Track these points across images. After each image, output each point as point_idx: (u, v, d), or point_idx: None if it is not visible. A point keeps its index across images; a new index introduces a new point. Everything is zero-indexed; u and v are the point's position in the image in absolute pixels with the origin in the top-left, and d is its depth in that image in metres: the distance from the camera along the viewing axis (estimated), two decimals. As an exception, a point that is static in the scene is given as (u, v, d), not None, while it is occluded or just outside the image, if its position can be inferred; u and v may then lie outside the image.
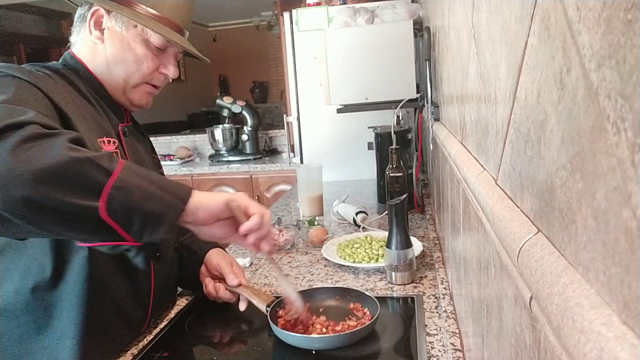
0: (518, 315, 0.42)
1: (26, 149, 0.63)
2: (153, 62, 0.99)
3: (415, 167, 1.74)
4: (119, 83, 0.99)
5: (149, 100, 1.05)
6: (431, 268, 1.29)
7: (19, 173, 0.61)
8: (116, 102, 1.03)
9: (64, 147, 0.65)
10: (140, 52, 0.97)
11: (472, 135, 0.72)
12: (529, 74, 0.38)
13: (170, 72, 1.03)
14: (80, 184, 0.65)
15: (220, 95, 3.43)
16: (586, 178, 0.27)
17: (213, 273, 1.15)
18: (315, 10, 2.41)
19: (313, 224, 1.66)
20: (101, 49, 0.98)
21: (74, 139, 0.69)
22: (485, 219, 0.53)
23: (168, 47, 1.01)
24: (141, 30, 0.97)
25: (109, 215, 0.66)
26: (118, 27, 0.96)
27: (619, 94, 0.22)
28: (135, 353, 0.96)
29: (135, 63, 0.98)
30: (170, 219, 0.72)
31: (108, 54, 0.97)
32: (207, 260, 1.16)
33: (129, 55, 0.97)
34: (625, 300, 0.22)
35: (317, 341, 0.92)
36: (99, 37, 0.97)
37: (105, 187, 0.66)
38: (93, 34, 0.97)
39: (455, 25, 0.91)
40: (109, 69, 0.98)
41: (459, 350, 0.89)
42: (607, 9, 0.23)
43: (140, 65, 0.98)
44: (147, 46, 0.98)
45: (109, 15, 0.96)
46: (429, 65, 1.49)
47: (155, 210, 0.70)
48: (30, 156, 0.63)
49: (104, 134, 0.94)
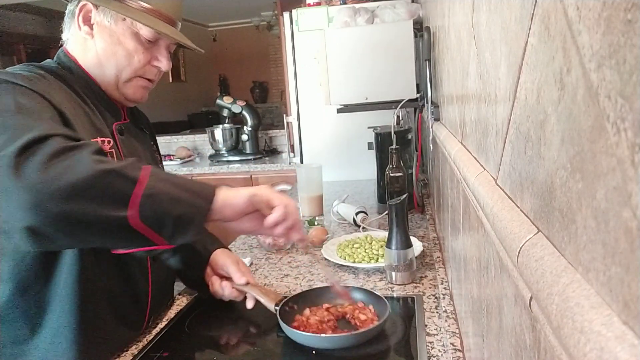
0: (518, 315, 0.42)
1: (55, 164, 0.65)
2: (144, 56, 0.98)
3: (415, 167, 1.74)
4: (111, 78, 0.98)
5: (144, 94, 1.04)
6: (431, 268, 1.29)
7: (52, 190, 0.64)
8: (111, 99, 1.02)
9: (90, 160, 0.68)
10: (130, 46, 0.96)
11: (472, 135, 0.72)
12: (529, 74, 0.38)
13: (162, 64, 1.01)
14: (109, 195, 0.68)
15: (220, 95, 3.43)
16: (586, 178, 0.27)
17: (219, 273, 1.14)
18: (315, 10, 2.41)
19: (313, 224, 1.66)
20: (91, 45, 0.97)
21: (97, 150, 0.71)
22: (485, 219, 0.53)
23: (159, 39, 0.99)
24: (130, 23, 0.95)
25: (142, 222, 0.69)
26: (107, 21, 0.95)
27: (619, 94, 0.22)
28: (135, 353, 0.96)
29: (126, 57, 0.97)
30: (198, 220, 0.75)
31: (98, 49, 0.96)
32: (213, 261, 1.16)
33: (119, 50, 0.96)
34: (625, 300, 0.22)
35: (328, 340, 0.92)
36: (89, 32, 0.96)
37: (132, 196, 0.68)
38: (82, 30, 0.96)
39: (455, 25, 0.91)
40: (100, 65, 0.97)
41: (459, 350, 0.89)
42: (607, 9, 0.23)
43: (131, 59, 0.97)
44: (137, 39, 0.96)
45: (97, 10, 0.95)
46: (429, 65, 1.49)
47: (184, 214, 0.72)
48: (60, 172, 0.65)
49: (98, 134, 0.93)
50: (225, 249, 1.20)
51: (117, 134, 1.00)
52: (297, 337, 0.94)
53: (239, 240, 1.68)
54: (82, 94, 0.96)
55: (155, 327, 1.07)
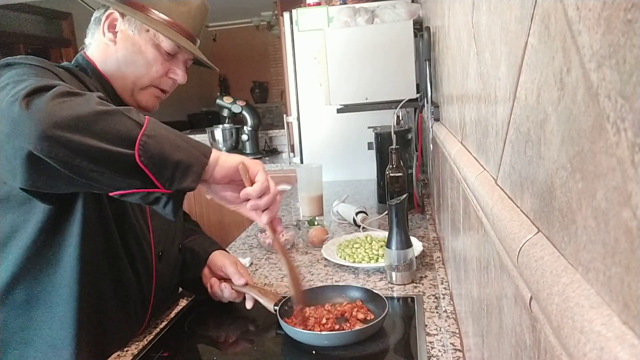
0: (518, 315, 0.42)
1: (61, 101, 0.69)
2: (163, 67, 1.01)
3: (415, 167, 1.74)
4: (127, 84, 1.01)
5: (156, 104, 1.07)
6: (431, 268, 1.29)
7: (59, 119, 0.67)
8: (123, 103, 1.04)
9: (96, 102, 0.72)
10: (150, 56, 0.99)
11: (472, 135, 0.72)
12: (529, 74, 0.38)
13: (179, 77, 1.04)
14: (114, 132, 0.71)
15: (220, 95, 3.43)
16: (586, 178, 0.27)
17: (218, 274, 1.15)
18: (315, 10, 2.41)
19: (313, 224, 1.66)
20: (113, 51, 1.00)
21: (103, 98, 0.76)
22: (485, 219, 0.53)
23: (178, 53, 1.02)
24: (153, 34, 0.99)
25: (142, 162, 0.71)
26: (131, 30, 0.98)
27: (619, 94, 0.22)
28: (135, 353, 0.96)
29: (145, 66, 1.00)
30: (196, 168, 0.77)
31: (119, 56, 0.99)
32: (211, 262, 1.16)
33: (140, 58, 0.99)
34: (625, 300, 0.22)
35: (327, 338, 0.92)
36: (112, 39, 0.99)
37: (139, 136, 0.72)
38: (106, 36, 0.99)
39: (455, 25, 0.91)
40: (119, 70, 1.00)
41: (459, 350, 0.89)
42: (607, 9, 0.23)
43: (149, 68, 1.00)
44: (158, 50, 1.00)
45: (123, 19, 0.99)
46: (429, 65, 1.49)
47: (184, 159, 0.75)
48: (65, 107, 0.69)
49: None
50: (224, 251, 1.21)
51: None
52: (296, 335, 0.94)
53: (239, 241, 1.68)
54: None
55: (156, 327, 1.07)
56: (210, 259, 1.17)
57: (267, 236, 1.52)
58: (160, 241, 1.05)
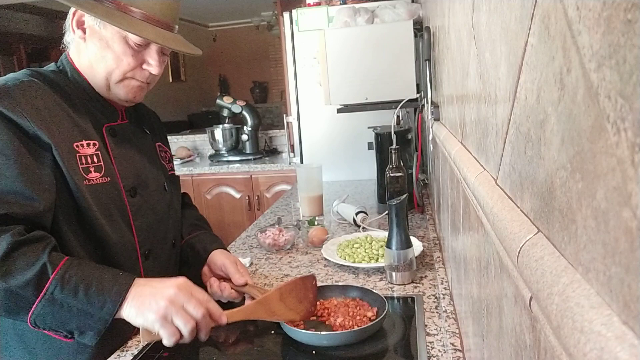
0: (518, 315, 0.42)
1: None
2: (134, 59, 0.98)
3: (415, 167, 1.74)
4: (101, 81, 1.00)
5: (138, 94, 1.04)
6: (431, 268, 1.29)
7: None
8: (108, 100, 1.04)
9: None
10: (118, 50, 0.96)
11: (472, 135, 0.72)
12: (529, 74, 0.38)
13: (152, 68, 1.00)
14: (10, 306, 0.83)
15: (220, 95, 3.42)
16: (586, 178, 0.27)
17: (217, 273, 1.15)
18: (315, 10, 2.41)
19: (313, 224, 1.66)
20: (84, 48, 0.99)
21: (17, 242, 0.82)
22: (485, 219, 0.53)
23: (150, 43, 0.98)
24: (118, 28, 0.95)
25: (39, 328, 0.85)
26: (97, 25, 0.96)
27: (619, 94, 0.22)
28: (135, 353, 0.96)
29: (115, 60, 0.97)
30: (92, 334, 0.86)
31: (90, 53, 0.98)
32: (211, 261, 1.16)
33: (108, 53, 0.97)
34: (625, 300, 0.22)
35: (327, 338, 0.92)
36: (82, 36, 0.98)
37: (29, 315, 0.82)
38: (76, 33, 0.98)
39: (455, 25, 0.91)
40: (91, 67, 0.99)
41: (459, 350, 0.89)
42: (607, 9, 0.23)
43: (119, 62, 0.97)
44: (126, 43, 0.96)
45: None
46: (429, 65, 1.49)
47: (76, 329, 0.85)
48: None
49: (83, 137, 0.96)
50: (224, 250, 1.21)
51: (107, 135, 1.02)
52: (296, 335, 0.94)
53: (239, 241, 1.68)
54: (74, 97, 0.99)
55: (155, 327, 1.07)
56: (210, 258, 1.16)
57: (267, 236, 1.52)
58: (146, 240, 1.05)
